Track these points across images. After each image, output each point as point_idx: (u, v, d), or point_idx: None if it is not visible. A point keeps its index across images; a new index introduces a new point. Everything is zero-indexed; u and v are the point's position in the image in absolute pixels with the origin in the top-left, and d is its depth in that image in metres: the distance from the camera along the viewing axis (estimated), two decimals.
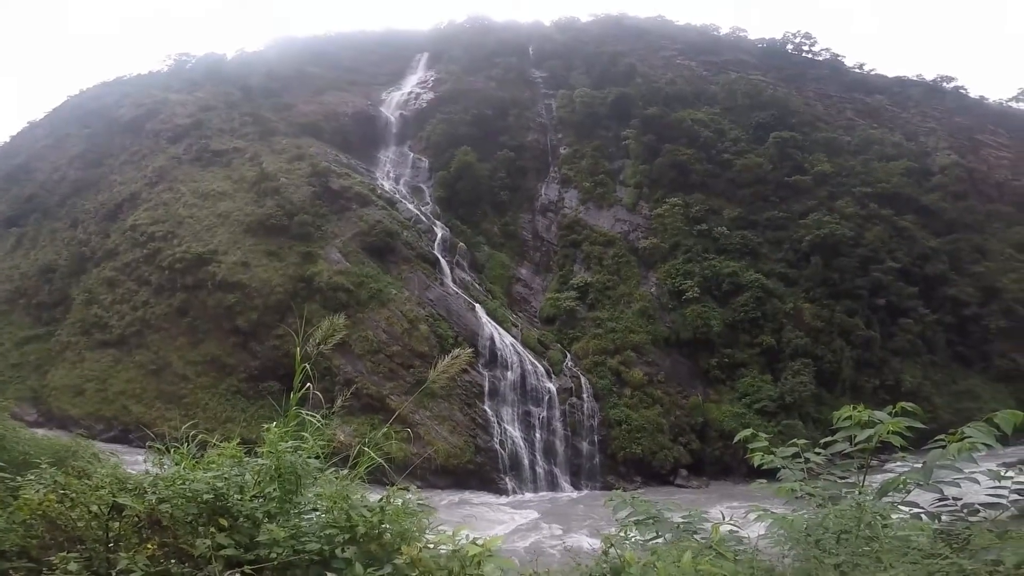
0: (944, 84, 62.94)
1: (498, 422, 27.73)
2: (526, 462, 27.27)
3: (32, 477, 3.28)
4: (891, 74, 64.63)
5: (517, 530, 21.25)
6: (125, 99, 50.98)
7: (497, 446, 26.94)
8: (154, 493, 2.88)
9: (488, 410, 27.82)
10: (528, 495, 26.19)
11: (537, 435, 28.14)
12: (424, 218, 38.18)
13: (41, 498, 2.82)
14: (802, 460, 3.15)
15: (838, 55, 64.53)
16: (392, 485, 3.50)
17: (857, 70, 63.67)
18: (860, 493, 2.70)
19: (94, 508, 2.78)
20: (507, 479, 26.40)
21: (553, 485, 27.23)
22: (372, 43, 65.43)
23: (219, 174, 39.19)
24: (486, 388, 28.31)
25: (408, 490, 3.57)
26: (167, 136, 43.64)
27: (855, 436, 2.90)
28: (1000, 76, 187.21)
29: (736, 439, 3.60)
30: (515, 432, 27.89)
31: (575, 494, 26.76)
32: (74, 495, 2.82)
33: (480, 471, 26.30)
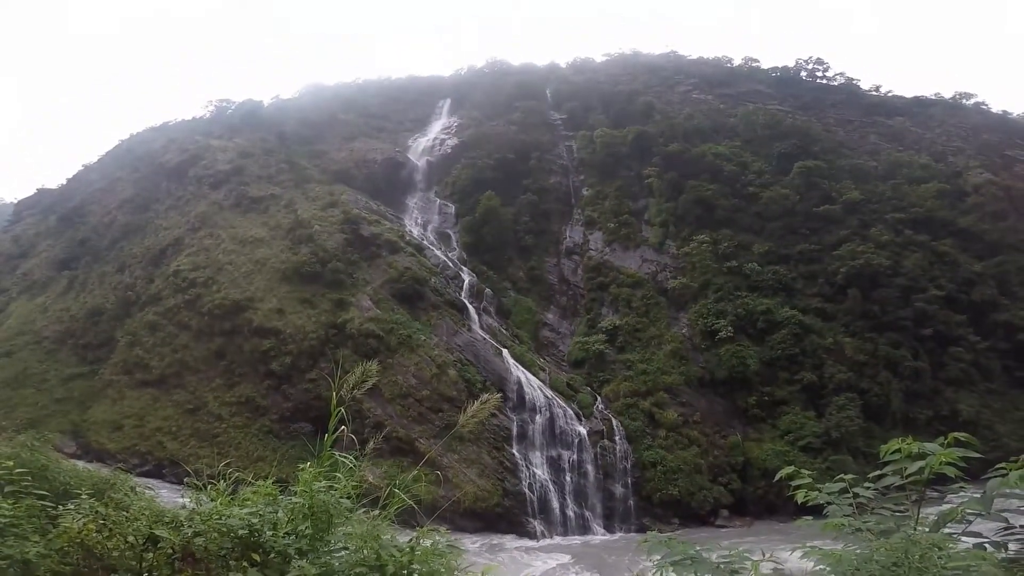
0: (964, 101, 61.58)
1: (527, 465, 27.19)
2: (556, 505, 26.54)
3: (72, 507, 3.37)
4: (908, 93, 63.79)
5: (547, 573, 20.48)
6: (171, 144, 53.20)
7: (526, 489, 26.34)
8: (190, 527, 2.92)
9: (516, 453, 27.34)
10: (558, 539, 25.43)
11: (567, 478, 27.45)
12: (451, 264, 38.79)
13: (80, 527, 2.90)
14: (850, 495, 3.00)
15: (853, 79, 64.08)
16: (421, 527, 3.47)
17: (874, 93, 63.02)
18: (915, 526, 2.54)
19: (130, 539, 2.84)
20: (536, 522, 25.71)
21: (584, 528, 26.36)
22: (397, 90, 67.99)
23: (257, 220, 40.93)
24: (514, 432, 27.92)
25: (437, 531, 3.54)
26: (209, 182, 45.51)
27: (905, 469, 2.77)
28: (1007, 82, 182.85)
29: (777, 477, 3.46)
30: (544, 475, 27.25)
31: (608, 537, 25.88)
32: (112, 525, 2.88)
33: (508, 514, 25.70)
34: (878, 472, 3.00)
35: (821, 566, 2.52)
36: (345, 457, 4.09)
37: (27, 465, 4.98)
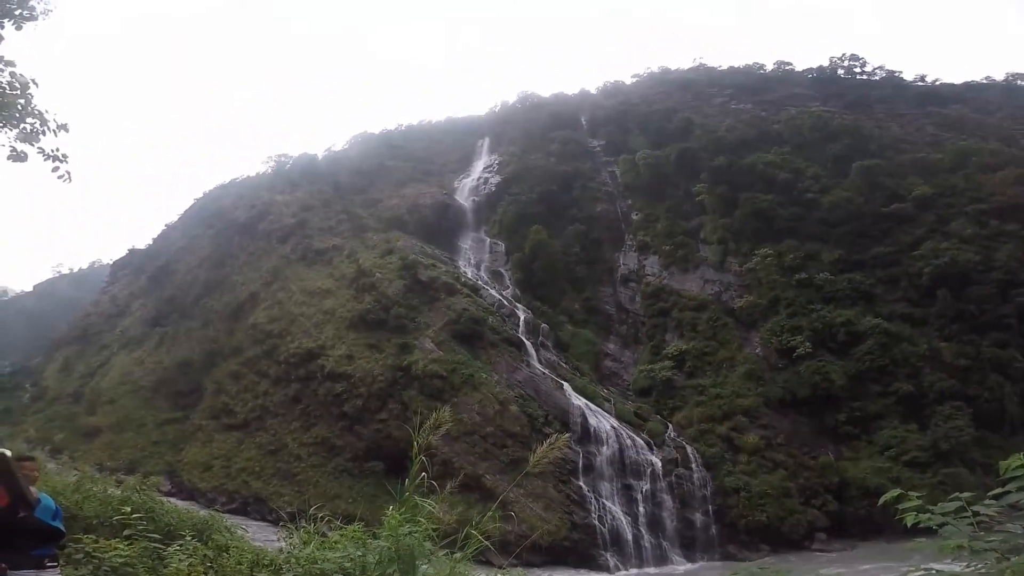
0: (1020, 82, 57.00)
1: (595, 497, 26.45)
2: (629, 537, 25.52)
3: (178, 547, 3.66)
4: (958, 80, 59.76)
5: None
6: (240, 201, 57.43)
7: (595, 522, 25.52)
8: (288, 570, 3.08)
9: (583, 486, 26.68)
10: (633, 570, 24.47)
11: (640, 509, 26.47)
12: (506, 302, 39.04)
13: (187, 568, 3.13)
14: (968, 514, 2.72)
15: (894, 71, 60.66)
16: (489, 563, 3.48)
17: (920, 83, 59.20)
18: None
19: None
20: (607, 555, 24.78)
21: (662, 559, 25.22)
22: (438, 132, 70.60)
23: (322, 272, 43.26)
24: (580, 464, 27.30)
25: (512, 571, 3.55)
26: (277, 236, 48.68)
27: None
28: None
29: (881, 501, 3.20)
30: (615, 507, 26.36)
31: (689, 567, 24.70)
32: (217, 568, 3.09)
33: (576, 547, 24.95)
34: (1000, 490, 2.72)
35: None
36: (425, 502, 4.20)
37: (139, 508, 5.44)
